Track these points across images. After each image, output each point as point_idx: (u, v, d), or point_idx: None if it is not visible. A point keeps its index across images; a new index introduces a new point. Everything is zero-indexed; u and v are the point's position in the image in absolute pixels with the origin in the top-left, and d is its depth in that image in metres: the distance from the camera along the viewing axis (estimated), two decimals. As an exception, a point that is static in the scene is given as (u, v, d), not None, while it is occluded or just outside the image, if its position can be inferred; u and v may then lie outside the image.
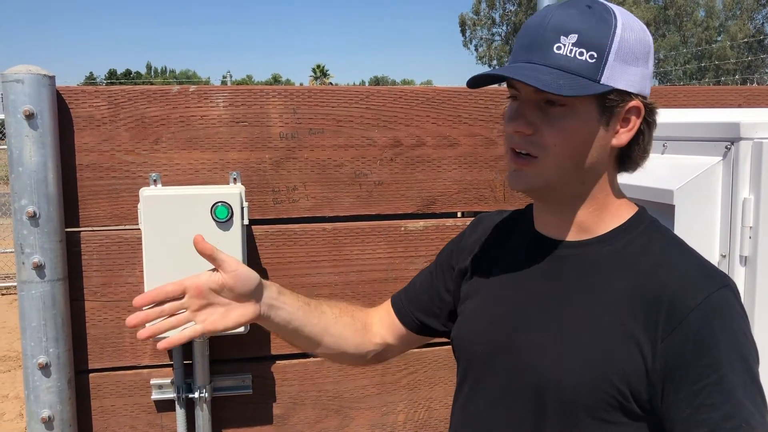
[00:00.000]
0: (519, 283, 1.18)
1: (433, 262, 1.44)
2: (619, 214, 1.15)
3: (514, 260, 1.21)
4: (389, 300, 1.49)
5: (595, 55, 1.03)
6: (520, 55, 1.08)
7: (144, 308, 1.13)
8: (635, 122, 1.10)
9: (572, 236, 1.15)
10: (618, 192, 1.17)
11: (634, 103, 1.08)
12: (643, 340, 1.02)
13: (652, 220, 1.16)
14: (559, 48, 1.03)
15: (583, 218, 1.14)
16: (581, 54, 1.03)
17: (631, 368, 1.02)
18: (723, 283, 1.04)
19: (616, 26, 1.05)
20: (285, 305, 1.27)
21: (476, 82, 1.11)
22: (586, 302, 1.09)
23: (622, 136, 1.10)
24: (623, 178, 1.14)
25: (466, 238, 1.38)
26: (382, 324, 1.45)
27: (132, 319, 1.11)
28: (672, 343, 1.00)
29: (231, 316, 1.18)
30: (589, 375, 1.04)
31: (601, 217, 1.14)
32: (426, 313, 1.40)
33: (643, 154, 1.15)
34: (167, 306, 1.15)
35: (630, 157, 1.14)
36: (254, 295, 1.21)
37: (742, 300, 1.47)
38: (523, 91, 1.07)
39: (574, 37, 1.03)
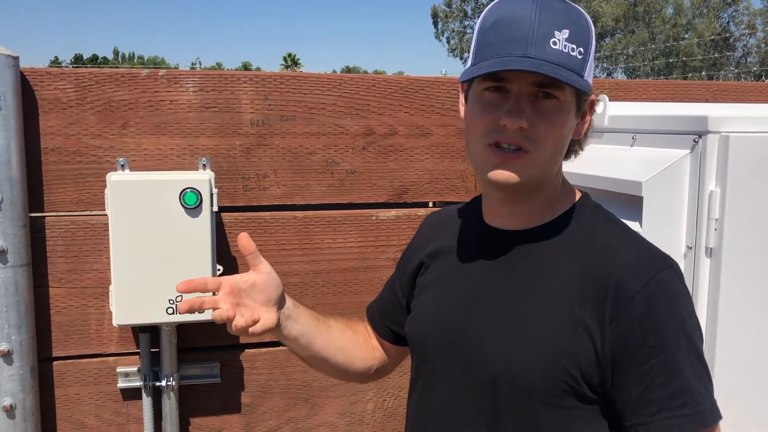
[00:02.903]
0: (470, 275, 1.19)
1: (395, 269, 1.45)
2: (564, 200, 1.17)
3: (464, 253, 1.22)
4: None
5: (583, 52, 1.04)
6: (509, 48, 1.02)
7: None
8: (588, 116, 1.14)
9: (521, 225, 1.16)
10: (563, 179, 1.19)
11: (592, 98, 1.13)
12: (591, 324, 1.04)
13: (596, 206, 1.18)
14: (554, 43, 1.02)
15: (534, 208, 1.15)
16: (573, 50, 1.03)
17: (582, 353, 1.04)
18: (666, 265, 1.06)
19: (589, 23, 1.08)
20: (299, 317, 1.26)
21: (467, 74, 1.07)
22: (535, 291, 1.10)
23: (580, 129, 1.13)
24: (590, 170, 1.15)
25: (417, 237, 1.39)
26: (373, 337, 1.46)
27: (182, 285, 1.13)
28: (619, 326, 1.02)
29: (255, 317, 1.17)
30: (541, 363, 1.05)
31: (548, 206, 1.16)
32: (395, 322, 1.40)
33: (586, 144, 1.19)
34: (206, 298, 1.14)
35: (579, 147, 1.17)
36: (277, 303, 1.20)
37: (707, 291, 1.51)
38: (517, 84, 1.04)
39: (566, 33, 1.03)
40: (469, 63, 1.10)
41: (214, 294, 1.15)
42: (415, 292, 1.31)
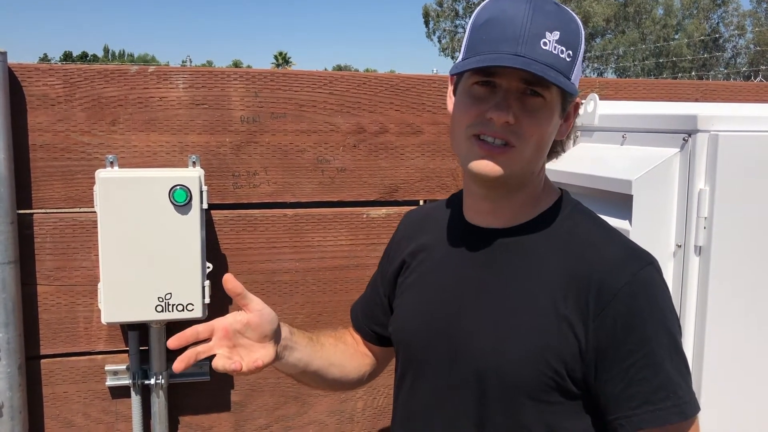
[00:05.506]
0: (454, 272, 1.20)
1: (377, 268, 1.44)
2: (546, 199, 1.19)
3: (447, 251, 1.23)
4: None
5: (571, 54, 1.06)
6: (501, 46, 1.04)
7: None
8: (572, 119, 1.16)
9: (503, 223, 1.17)
10: (545, 178, 1.21)
11: (577, 100, 1.15)
12: (575, 320, 1.06)
13: (576, 203, 1.20)
14: (545, 44, 1.04)
15: (516, 206, 1.16)
16: (562, 52, 1.05)
17: (567, 349, 1.06)
18: (647, 261, 1.09)
19: (580, 27, 1.10)
20: (296, 345, 1.25)
21: (462, 68, 1.07)
22: (520, 287, 1.12)
23: (563, 131, 1.16)
24: (580, 168, 1.15)
25: (397, 236, 1.39)
26: (360, 343, 1.45)
27: (174, 342, 1.12)
28: (602, 323, 1.05)
29: (254, 357, 1.15)
30: (527, 358, 1.07)
31: (530, 204, 1.17)
32: (378, 323, 1.40)
33: (569, 145, 1.22)
34: (200, 347, 1.14)
35: (561, 148, 1.20)
36: (274, 336, 1.19)
37: (696, 289, 1.52)
38: (506, 80, 1.06)
39: (557, 35, 1.05)
40: (460, 58, 1.11)
41: (206, 340, 1.14)
42: (397, 292, 1.31)
